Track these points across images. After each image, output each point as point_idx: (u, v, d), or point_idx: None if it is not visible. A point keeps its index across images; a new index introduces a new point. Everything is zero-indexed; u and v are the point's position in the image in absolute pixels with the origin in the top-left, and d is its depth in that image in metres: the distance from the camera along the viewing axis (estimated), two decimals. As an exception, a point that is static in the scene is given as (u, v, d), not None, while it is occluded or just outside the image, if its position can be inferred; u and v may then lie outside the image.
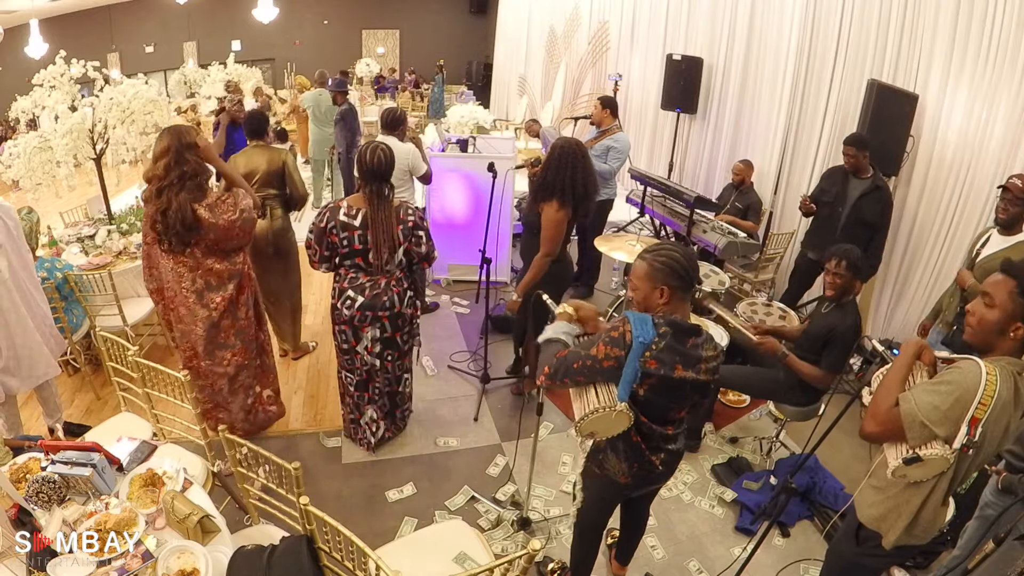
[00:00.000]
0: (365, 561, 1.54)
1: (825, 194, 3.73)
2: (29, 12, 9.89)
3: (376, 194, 2.61)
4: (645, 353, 1.62)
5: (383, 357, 2.90)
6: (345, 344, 2.88)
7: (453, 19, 16.06)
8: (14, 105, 4.05)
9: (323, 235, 2.65)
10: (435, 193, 4.73)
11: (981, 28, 3.28)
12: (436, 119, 10.25)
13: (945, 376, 1.58)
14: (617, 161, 4.37)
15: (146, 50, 13.63)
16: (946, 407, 1.51)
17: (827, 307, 2.80)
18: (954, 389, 1.52)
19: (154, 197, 2.56)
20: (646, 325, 1.63)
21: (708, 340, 1.72)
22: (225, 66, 9.92)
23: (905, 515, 1.70)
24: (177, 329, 2.87)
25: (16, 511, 1.67)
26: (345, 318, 2.78)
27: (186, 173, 2.53)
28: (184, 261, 2.68)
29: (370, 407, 3.06)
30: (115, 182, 7.37)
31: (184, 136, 2.56)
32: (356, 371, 2.94)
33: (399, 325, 2.85)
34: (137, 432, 2.29)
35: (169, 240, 2.60)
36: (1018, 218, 2.62)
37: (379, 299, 2.74)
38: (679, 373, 1.65)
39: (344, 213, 2.63)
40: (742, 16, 5.38)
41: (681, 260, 1.70)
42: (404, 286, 2.82)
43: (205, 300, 2.75)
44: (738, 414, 3.56)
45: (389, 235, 2.65)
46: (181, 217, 2.53)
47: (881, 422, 1.62)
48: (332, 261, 2.73)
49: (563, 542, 2.66)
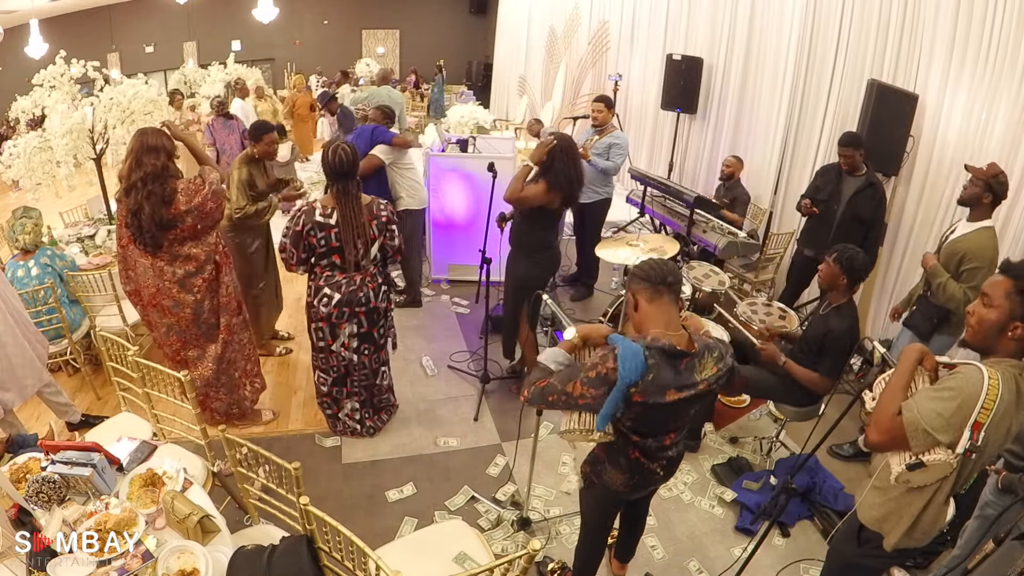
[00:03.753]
0: (365, 561, 1.54)
1: (820, 192, 3.75)
2: (29, 12, 9.89)
3: (343, 192, 2.67)
4: (631, 389, 1.58)
5: (360, 352, 2.97)
6: (321, 342, 2.93)
7: (453, 19, 16.07)
8: (14, 105, 4.06)
9: (300, 238, 2.70)
10: (435, 193, 4.74)
11: (981, 28, 3.28)
12: (436, 119, 10.25)
13: (947, 382, 1.57)
14: (620, 157, 4.39)
15: (146, 50, 13.62)
16: (949, 414, 1.50)
17: (825, 309, 2.80)
18: (956, 395, 1.51)
19: (124, 196, 2.65)
20: (636, 360, 1.56)
21: (706, 356, 1.67)
22: (225, 66, 9.92)
23: (907, 518, 1.70)
24: (162, 324, 2.88)
25: (16, 511, 1.67)
26: (322, 315, 2.83)
27: (148, 175, 2.58)
28: (162, 256, 2.73)
29: (349, 401, 3.13)
30: (115, 182, 7.38)
31: (148, 138, 2.61)
32: (331, 369, 3.01)
33: (375, 319, 2.93)
34: (137, 432, 2.30)
35: (144, 240, 2.65)
36: (976, 199, 2.72)
37: (355, 295, 2.80)
38: (672, 397, 1.62)
39: (320, 214, 2.68)
40: (742, 16, 5.37)
41: (645, 264, 1.71)
42: (379, 281, 2.89)
43: (188, 285, 2.80)
44: (738, 414, 3.56)
45: (362, 230, 2.72)
46: (156, 219, 2.60)
47: (885, 431, 1.61)
48: (309, 262, 2.78)
49: (563, 542, 2.66)
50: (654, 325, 1.66)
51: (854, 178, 3.61)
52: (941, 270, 2.77)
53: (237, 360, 3.09)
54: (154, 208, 2.58)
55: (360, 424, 3.19)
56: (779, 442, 3.21)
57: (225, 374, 3.06)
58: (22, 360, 2.68)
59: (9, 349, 2.61)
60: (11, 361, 2.62)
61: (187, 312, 2.84)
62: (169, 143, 2.68)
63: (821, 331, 2.71)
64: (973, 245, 2.71)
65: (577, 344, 1.85)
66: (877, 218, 3.62)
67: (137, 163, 2.58)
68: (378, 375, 3.15)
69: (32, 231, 3.29)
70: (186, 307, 2.82)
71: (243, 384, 3.17)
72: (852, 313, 2.72)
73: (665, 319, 1.67)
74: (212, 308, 2.92)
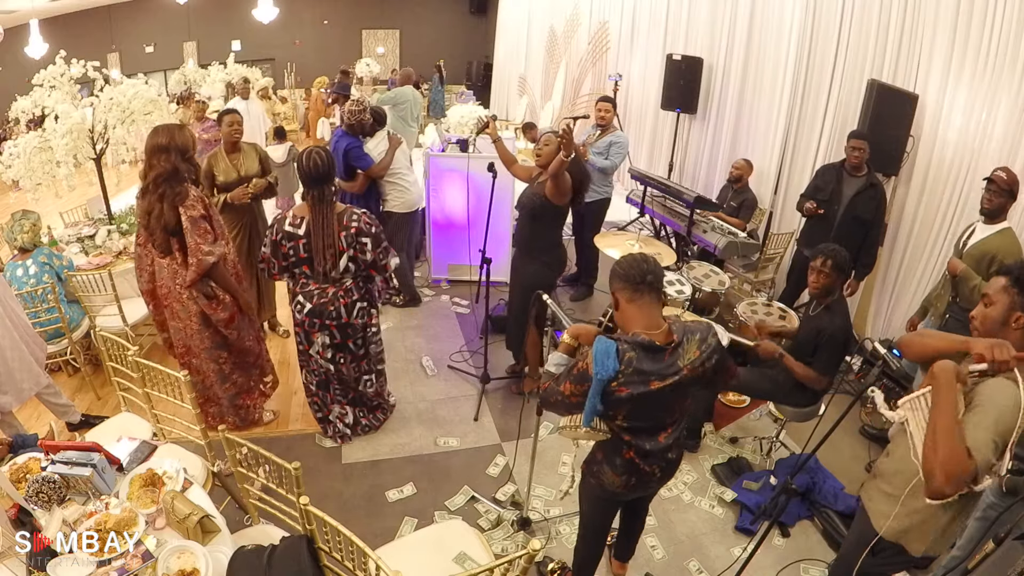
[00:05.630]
0: (365, 561, 1.54)
1: (820, 192, 3.75)
2: (29, 12, 9.87)
3: (318, 199, 2.61)
4: (611, 384, 1.59)
5: (335, 361, 2.93)
6: (301, 346, 2.93)
7: (453, 19, 16.04)
8: (14, 105, 4.05)
9: (277, 247, 2.67)
10: (435, 193, 4.74)
11: (981, 28, 3.28)
12: (436, 119, 10.25)
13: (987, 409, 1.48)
14: (619, 156, 4.40)
15: (146, 50, 13.60)
16: (999, 440, 1.46)
17: (815, 309, 2.80)
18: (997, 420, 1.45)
19: (140, 197, 2.64)
20: (608, 359, 1.57)
21: (687, 341, 1.66)
22: (225, 66, 9.91)
23: (934, 530, 1.68)
24: (171, 327, 2.88)
25: (16, 511, 1.67)
26: (297, 321, 2.82)
27: (159, 177, 2.55)
28: (175, 257, 2.72)
29: (335, 405, 3.12)
30: (115, 182, 7.38)
31: (157, 139, 2.56)
32: (315, 372, 3.00)
33: (348, 334, 2.86)
34: (137, 432, 2.30)
35: (154, 242, 2.65)
36: (1001, 208, 2.78)
37: (325, 308, 2.74)
38: (656, 386, 1.63)
39: (288, 223, 2.64)
40: (742, 16, 5.37)
41: (625, 262, 1.69)
42: (354, 297, 2.77)
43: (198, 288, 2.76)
44: (738, 414, 3.56)
45: (331, 241, 2.63)
46: (163, 222, 2.57)
47: (955, 479, 1.43)
48: (289, 270, 2.75)
49: (563, 542, 2.66)
50: (635, 325, 1.67)
51: (855, 178, 3.61)
52: (973, 273, 2.79)
53: (246, 380, 3.10)
54: (163, 210, 2.56)
55: (351, 429, 3.17)
56: (779, 442, 3.21)
57: (227, 390, 3.04)
58: (19, 363, 2.68)
59: (6, 352, 2.61)
60: (8, 364, 2.62)
61: (194, 321, 2.81)
62: (183, 141, 2.59)
63: (814, 331, 2.71)
64: (1003, 245, 2.75)
65: (572, 345, 1.86)
66: (877, 219, 3.62)
67: (149, 164, 2.57)
68: (360, 383, 3.10)
69: (30, 231, 3.30)
70: (192, 315, 2.80)
71: (247, 406, 3.17)
72: (843, 309, 2.73)
73: (646, 320, 1.66)
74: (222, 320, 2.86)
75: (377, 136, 4.11)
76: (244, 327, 2.94)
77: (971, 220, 3.40)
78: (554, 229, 3.19)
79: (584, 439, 1.86)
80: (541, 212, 3.06)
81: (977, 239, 2.85)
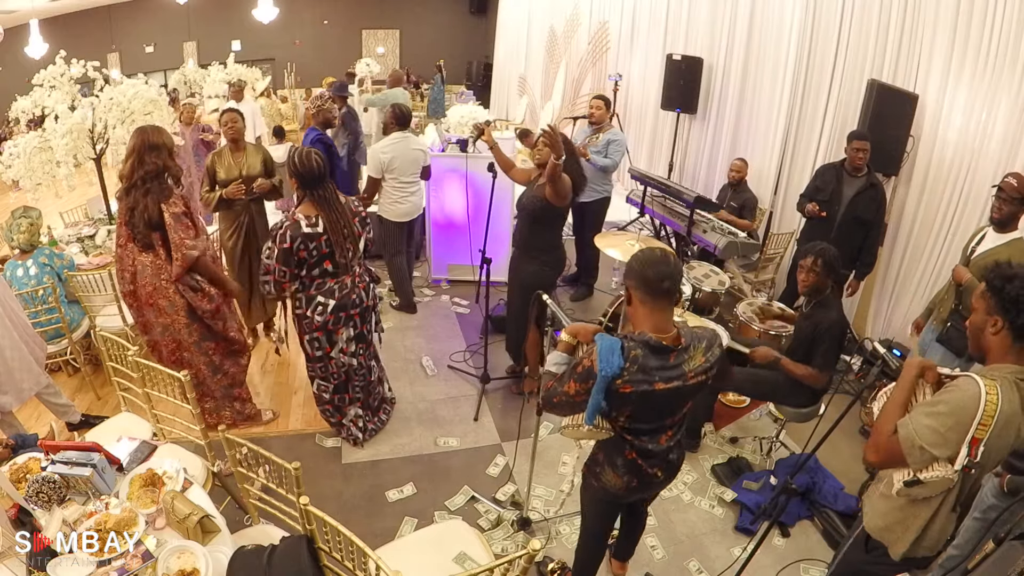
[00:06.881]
0: (365, 561, 1.54)
1: (819, 192, 3.74)
2: (29, 12, 9.87)
3: (323, 197, 2.65)
4: (616, 382, 1.58)
5: (356, 355, 2.98)
6: (318, 351, 2.89)
7: (453, 19, 16.04)
8: (14, 105, 4.06)
9: (290, 254, 2.61)
10: (435, 193, 4.74)
11: (981, 28, 3.28)
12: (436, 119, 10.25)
13: (942, 396, 1.56)
14: (618, 154, 4.40)
15: (146, 50, 13.60)
16: (944, 429, 1.49)
17: (808, 307, 2.80)
18: (952, 410, 1.50)
19: (123, 195, 2.67)
20: (613, 355, 1.55)
21: (694, 347, 1.66)
22: (225, 66, 9.91)
23: (913, 528, 1.68)
24: (158, 324, 2.87)
25: (16, 511, 1.67)
26: (317, 325, 2.80)
27: (149, 174, 2.60)
28: (158, 253, 2.73)
29: (352, 407, 3.12)
30: (115, 182, 7.37)
31: (149, 137, 2.62)
32: (331, 376, 2.99)
33: (367, 318, 2.96)
34: (137, 432, 2.30)
35: (136, 237, 2.68)
36: (1012, 216, 2.66)
37: (348, 298, 2.81)
38: (660, 387, 1.62)
39: (306, 225, 2.62)
40: (742, 16, 5.37)
41: (644, 259, 1.63)
42: (367, 280, 2.93)
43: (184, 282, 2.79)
44: (738, 414, 3.56)
45: (350, 230, 2.74)
46: (147, 217, 2.61)
47: (882, 450, 1.60)
48: (301, 277, 2.73)
49: (563, 542, 2.66)
50: (643, 325, 1.66)
51: (856, 179, 3.60)
52: (978, 283, 2.75)
53: (236, 372, 3.11)
54: (148, 206, 2.60)
55: (362, 431, 3.18)
56: (779, 442, 3.21)
57: (220, 382, 3.06)
58: (19, 363, 2.68)
59: (6, 352, 2.61)
60: (8, 364, 2.62)
61: (181, 315, 2.83)
62: (169, 140, 2.70)
63: (809, 329, 2.72)
64: (1013, 257, 2.66)
65: (571, 343, 1.86)
66: (878, 219, 3.62)
67: (140, 161, 2.59)
68: (371, 371, 3.17)
69: (28, 231, 3.28)
70: (180, 309, 2.82)
71: (241, 398, 3.19)
72: (836, 304, 2.73)
73: (655, 323, 1.64)
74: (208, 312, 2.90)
75: (393, 135, 4.02)
76: (228, 316, 2.99)
77: (971, 220, 3.41)
78: (554, 230, 3.19)
79: (586, 438, 1.86)
80: (542, 214, 3.07)
81: (986, 248, 2.75)
